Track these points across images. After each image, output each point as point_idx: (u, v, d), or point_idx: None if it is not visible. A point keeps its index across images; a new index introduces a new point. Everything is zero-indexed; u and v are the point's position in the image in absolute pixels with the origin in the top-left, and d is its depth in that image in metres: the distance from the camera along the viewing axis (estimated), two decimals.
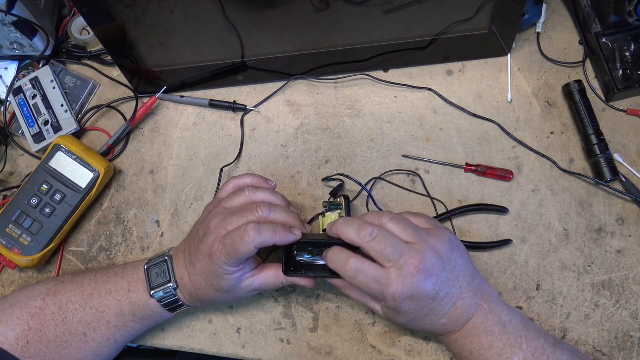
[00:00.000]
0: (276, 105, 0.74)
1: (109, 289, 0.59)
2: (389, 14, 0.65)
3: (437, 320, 0.54)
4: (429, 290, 0.52)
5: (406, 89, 0.73)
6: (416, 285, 0.51)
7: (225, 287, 0.56)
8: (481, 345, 0.53)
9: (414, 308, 0.53)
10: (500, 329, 0.54)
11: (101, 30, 0.64)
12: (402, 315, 0.53)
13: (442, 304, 0.53)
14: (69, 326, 0.57)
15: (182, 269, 0.58)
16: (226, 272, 0.54)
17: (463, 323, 0.54)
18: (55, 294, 0.58)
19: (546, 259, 0.66)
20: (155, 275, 0.58)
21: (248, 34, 0.67)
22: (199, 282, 0.56)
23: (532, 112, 0.72)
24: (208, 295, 0.57)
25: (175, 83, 0.74)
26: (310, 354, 0.64)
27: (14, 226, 0.67)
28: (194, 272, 0.57)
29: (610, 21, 0.70)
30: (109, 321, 0.58)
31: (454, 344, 0.56)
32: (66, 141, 0.68)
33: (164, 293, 0.57)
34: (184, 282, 0.58)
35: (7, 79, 0.77)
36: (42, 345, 0.56)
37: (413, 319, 0.54)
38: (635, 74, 0.69)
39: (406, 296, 0.51)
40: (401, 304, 0.52)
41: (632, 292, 0.64)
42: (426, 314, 0.53)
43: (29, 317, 0.57)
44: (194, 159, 0.73)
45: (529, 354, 0.53)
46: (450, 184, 0.69)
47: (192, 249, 0.57)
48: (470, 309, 0.54)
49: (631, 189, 0.67)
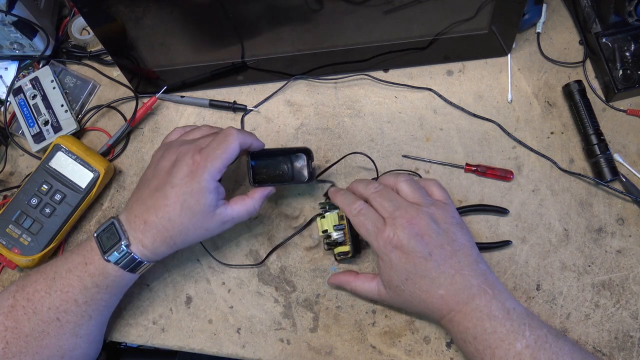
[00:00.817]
0: (276, 105, 0.74)
1: (68, 267, 0.58)
2: (389, 14, 0.65)
3: (434, 289, 0.55)
4: (417, 247, 0.55)
5: (406, 89, 0.73)
6: (406, 237, 0.55)
7: (204, 207, 0.55)
8: (484, 330, 0.54)
9: (405, 263, 0.55)
10: (503, 315, 0.54)
11: (101, 30, 0.64)
12: (396, 271, 0.56)
13: (438, 269, 0.55)
14: (41, 315, 0.57)
15: (144, 213, 0.56)
16: (208, 186, 0.55)
17: (464, 301, 0.54)
18: (23, 288, 0.58)
19: (546, 259, 0.66)
20: (106, 240, 0.57)
21: (247, 34, 0.67)
22: (172, 211, 0.55)
23: (532, 112, 0.72)
24: (181, 225, 0.55)
25: (175, 83, 0.74)
26: (310, 354, 0.64)
27: (14, 226, 0.67)
28: (164, 204, 0.55)
29: (610, 21, 0.70)
30: (76, 299, 0.57)
31: (457, 328, 0.56)
32: (66, 141, 0.68)
33: (118, 253, 0.56)
34: (149, 224, 0.56)
35: (7, 79, 0.77)
36: (21, 342, 0.56)
37: (407, 278, 0.55)
38: (635, 74, 0.69)
39: (395, 244, 0.55)
40: (391, 253, 0.55)
41: (632, 292, 0.64)
42: (420, 275, 0.55)
43: (3, 317, 0.57)
44: None
45: (531, 340, 0.53)
46: (450, 184, 0.69)
47: (157, 184, 0.56)
48: (471, 288, 0.55)
49: (631, 189, 0.67)
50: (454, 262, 0.55)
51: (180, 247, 0.58)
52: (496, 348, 0.53)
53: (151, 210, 0.56)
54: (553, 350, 0.53)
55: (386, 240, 0.55)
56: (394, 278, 0.56)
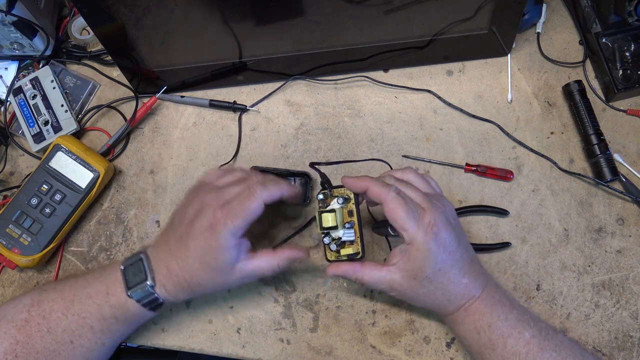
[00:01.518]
0: (276, 105, 0.74)
1: (89, 293, 0.57)
2: (388, 14, 0.65)
3: (459, 278, 0.54)
4: (451, 236, 0.53)
5: (406, 89, 0.73)
6: (442, 224, 0.53)
7: (222, 264, 0.54)
8: (498, 316, 0.54)
9: (442, 252, 0.53)
10: (509, 303, 0.56)
11: (101, 30, 0.64)
12: (431, 261, 0.53)
13: (463, 259, 0.54)
14: (55, 335, 0.56)
15: (167, 258, 0.56)
16: (227, 244, 0.53)
17: (480, 288, 0.55)
18: (39, 304, 0.57)
19: (546, 259, 0.66)
20: (132, 275, 0.57)
21: (247, 34, 0.67)
22: (192, 264, 0.55)
23: (532, 112, 0.72)
24: (199, 279, 0.55)
25: (175, 83, 0.74)
26: (310, 354, 0.64)
27: (14, 226, 0.67)
28: (185, 256, 0.55)
29: (610, 21, 0.70)
30: (93, 326, 0.57)
31: (473, 317, 0.55)
32: (66, 141, 0.68)
33: (142, 292, 0.56)
34: (171, 271, 0.56)
35: (7, 79, 0.77)
36: (30, 357, 0.56)
37: (440, 268, 0.53)
38: (635, 74, 0.69)
39: (435, 232, 0.52)
40: (431, 241, 0.52)
41: (632, 292, 0.64)
42: (451, 264, 0.54)
43: (15, 331, 0.56)
44: (194, 159, 0.73)
45: (536, 330, 0.54)
46: (450, 184, 0.69)
47: (181, 232, 0.56)
48: (484, 275, 0.56)
49: (631, 189, 0.67)
50: (469, 251, 0.56)
51: (201, 295, 0.58)
52: (508, 337, 0.53)
53: (173, 258, 0.56)
54: (555, 342, 0.54)
55: (427, 227, 0.52)
56: (427, 269, 0.53)
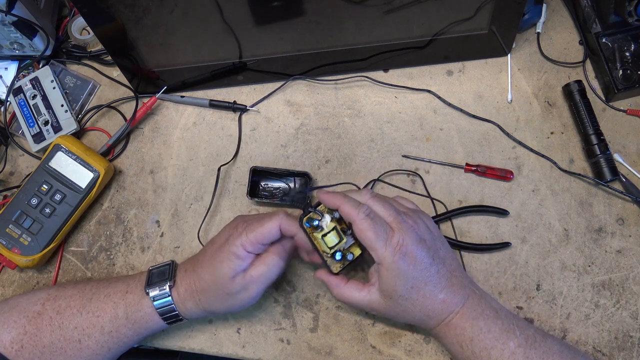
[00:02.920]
0: (276, 105, 0.74)
1: (108, 292, 0.59)
2: (388, 14, 0.65)
3: (435, 294, 0.54)
4: (422, 253, 0.53)
5: (406, 89, 0.73)
6: (412, 242, 0.53)
7: (225, 270, 0.55)
8: (480, 329, 0.54)
9: (412, 270, 0.53)
10: (493, 314, 0.55)
11: (101, 30, 0.64)
12: (402, 280, 0.53)
13: (438, 274, 0.54)
14: (65, 332, 0.57)
15: (189, 262, 0.60)
16: (235, 251, 0.55)
17: (460, 302, 0.55)
18: (55, 299, 0.58)
19: (546, 259, 0.66)
20: (156, 276, 0.59)
21: (247, 34, 0.67)
22: (202, 268, 0.57)
23: (532, 112, 0.72)
24: (204, 284, 0.56)
25: (175, 83, 0.74)
26: (310, 354, 0.64)
27: (14, 226, 0.67)
28: (202, 259, 0.58)
29: (610, 21, 0.70)
30: (103, 326, 0.57)
31: (454, 331, 0.55)
32: (66, 141, 0.68)
33: (159, 290, 0.57)
34: (187, 272, 0.58)
35: (7, 79, 0.77)
36: (36, 350, 0.56)
37: (412, 286, 0.53)
38: (635, 74, 0.69)
39: (404, 251, 0.53)
40: (400, 260, 0.52)
41: (632, 292, 0.64)
42: (425, 281, 0.54)
43: (25, 321, 0.57)
44: (194, 159, 0.73)
45: (522, 340, 0.54)
46: (450, 184, 0.69)
47: (207, 245, 0.59)
48: (465, 289, 0.55)
49: (631, 189, 0.67)
50: (448, 265, 0.55)
51: (206, 308, 0.58)
52: (492, 349, 0.53)
53: (192, 262, 0.59)
54: (543, 349, 0.53)
55: (395, 247, 0.52)
56: (399, 287, 0.53)
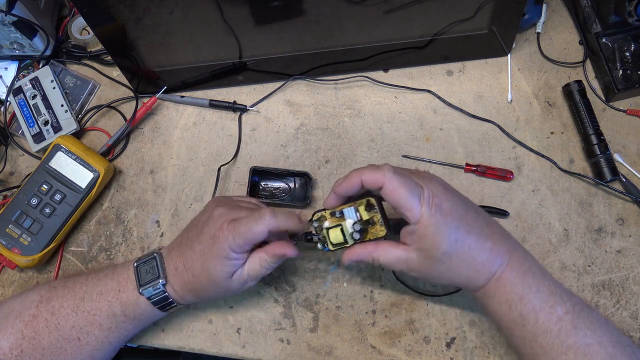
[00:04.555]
0: (276, 105, 0.74)
1: (100, 290, 0.58)
2: (388, 14, 0.65)
3: (481, 243, 0.51)
4: (456, 202, 0.51)
5: (406, 89, 0.73)
6: (443, 194, 0.50)
7: (220, 274, 0.54)
8: (530, 287, 0.50)
9: (451, 221, 0.50)
10: (540, 273, 0.52)
11: (101, 30, 0.64)
12: (443, 234, 0.50)
13: (477, 221, 0.51)
14: (63, 332, 0.57)
15: (176, 258, 0.57)
16: (226, 255, 0.54)
17: (507, 254, 0.51)
18: (48, 301, 0.58)
19: (546, 259, 0.66)
20: (145, 273, 0.58)
21: (247, 34, 0.67)
22: (195, 267, 0.56)
23: (532, 112, 0.72)
24: (201, 283, 0.56)
25: (175, 83, 0.74)
26: (310, 354, 0.64)
27: (14, 226, 0.67)
28: (190, 258, 0.56)
29: (610, 21, 0.70)
30: (101, 324, 0.57)
31: (504, 288, 0.51)
32: (66, 141, 0.68)
33: (153, 290, 0.57)
34: (179, 271, 0.57)
35: (7, 79, 0.77)
36: (36, 353, 0.56)
37: (456, 239, 0.50)
38: (635, 74, 0.69)
39: (438, 203, 0.50)
40: (437, 213, 0.49)
41: (632, 292, 0.64)
42: (467, 230, 0.50)
43: (22, 326, 0.56)
44: (194, 159, 0.73)
45: (569, 306, 0.50)
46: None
47: (191, 235, 0.57)
48: (508, 239, 0.52)
49: (631, 189, 0.67)
50: (482, 213, 0.52)
51: (206, 300, 0.58)
52: (540, 311, 0.50)
53: (181, 258, 0.57)
54: (591, 320, 0.50)
55: (430, 201, 0.50)
56: (443, 243, 0.50)
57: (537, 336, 0.50)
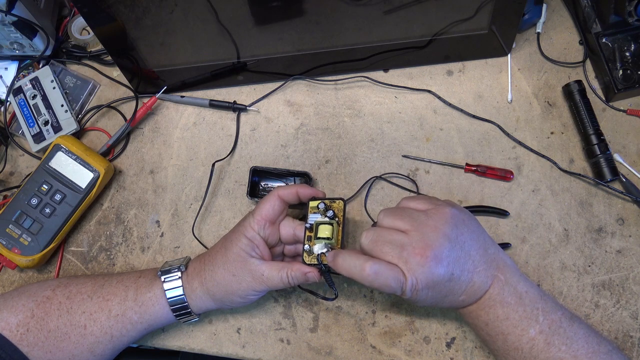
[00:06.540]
0: (276, 106, 0.74)
1: (121, 278, 0.61)
2: (388, 14, 0.65)
3: (455, 299, 0.54)
4: (442, 274, 0.51)
5: (406, 89, 0.73)
6: (428, 273, 0.51)
7: (236, 250, 0.57)
8: (497, 317, 0.53)
9: (432, 294, 0.53)
10: (516, 300, 0.53)
11: (101, 30, 0.64)
12: (422, 302, 0.54)
13: (459, 282, 0.53)
14: (72, 317, 0.57)
15: (202, 256, 0.61)
16: (245, 232, 0.57)
17: (480, 295, 0.54)
18: (67, 286, 0.60)
19: (546, 259, 0.66)
20: (170, 264, 0.61)
21: (247, 34, 0.67)
22: (214, 248, 0.60)
23: (532, 112, 0.72)
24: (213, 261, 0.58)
25: (175, 83, 0.74)
26: (310, 354, 0.64)
27: (14, 226, 0.67)
28: (214, 247, 0.60)
29: (610, 21, 0.70)
30: (110, 309, 0.58)
31: (469, 315, 0.55)
32: (66, 141, 0.68)
33: (170, 274, 0.59)
34: (197, 258, 0.61)
35: (7, 79, 0.77)
36: (41, 335, 0.56)
37: (432, 302, 0.54)
38: (635, 74, 0.69)
39: (422, 286, 0.51)
40: (419, 295, 0.52)
41: (632, 292, 0.64)
42: (445, 295, 0.53)
43: (34, 305, 0.57)
44: (194, 159, 0.73)
45: (545, 326, 0.52)
46: (450, 184, 0.69)
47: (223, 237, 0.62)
48: (486, 281, 0.53)
49: (631, 189, 0.67)
50: (469, 266, 0.53)
51: (210, 288, 0.58)
52: (508, 334, 0.53)
53: (214, 247, 0.61)
54: (567, 335, 0.52)
55: (412, 290, 0.51)
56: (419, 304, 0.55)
57: (508, 353, 0.53)
